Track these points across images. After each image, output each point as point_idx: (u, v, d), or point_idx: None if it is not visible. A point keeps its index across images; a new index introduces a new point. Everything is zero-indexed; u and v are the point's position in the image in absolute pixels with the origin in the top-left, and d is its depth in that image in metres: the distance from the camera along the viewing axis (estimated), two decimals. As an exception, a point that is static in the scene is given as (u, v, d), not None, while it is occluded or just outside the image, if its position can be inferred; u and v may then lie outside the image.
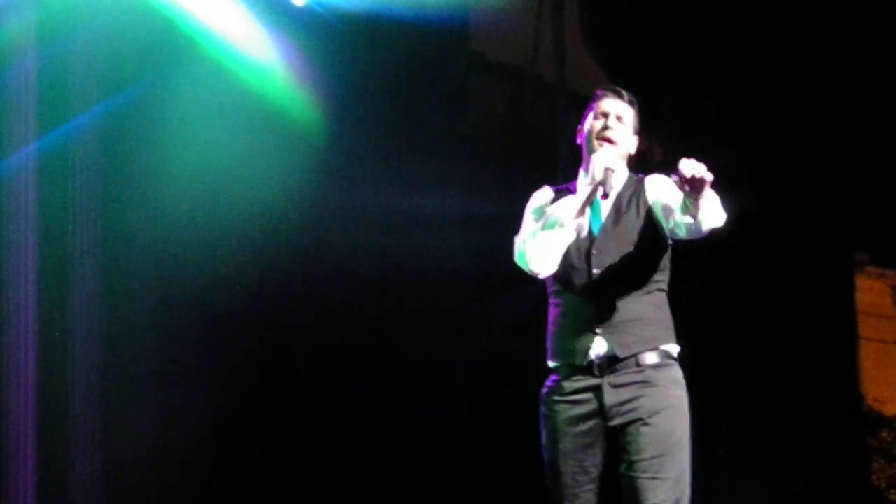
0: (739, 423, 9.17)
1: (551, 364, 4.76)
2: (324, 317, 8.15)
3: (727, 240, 5.16)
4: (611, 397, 4.62)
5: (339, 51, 8.19)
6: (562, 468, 4.68)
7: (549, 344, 4.77)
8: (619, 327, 4.64)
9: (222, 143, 7.68)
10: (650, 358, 4.65)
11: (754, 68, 8.88)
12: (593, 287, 4.66)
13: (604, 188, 4.59)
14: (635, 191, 4.75)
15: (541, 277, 4.73)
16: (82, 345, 7.22)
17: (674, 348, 4.73)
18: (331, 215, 8.23)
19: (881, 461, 10.10)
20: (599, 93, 4.86)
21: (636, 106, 4.86)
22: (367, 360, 8.21)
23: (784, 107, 8.91)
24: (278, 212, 7.95)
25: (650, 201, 4.71)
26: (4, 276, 6.98)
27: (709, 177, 4.30)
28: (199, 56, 7.68)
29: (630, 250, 4.67)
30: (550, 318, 4.78)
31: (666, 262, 4.76)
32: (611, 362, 4.63)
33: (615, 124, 4.77)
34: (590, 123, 4.81)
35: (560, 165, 8.20)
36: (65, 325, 7.19)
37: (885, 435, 10.16)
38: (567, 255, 4.68)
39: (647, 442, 4.58)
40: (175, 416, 7.50)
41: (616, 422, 4.62)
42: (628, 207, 4.72)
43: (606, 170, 4.59)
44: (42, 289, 7.05)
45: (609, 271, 4.66)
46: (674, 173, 4.34)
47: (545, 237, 4.63)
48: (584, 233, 4.70)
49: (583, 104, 4.96)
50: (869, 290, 10.14)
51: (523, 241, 4.69)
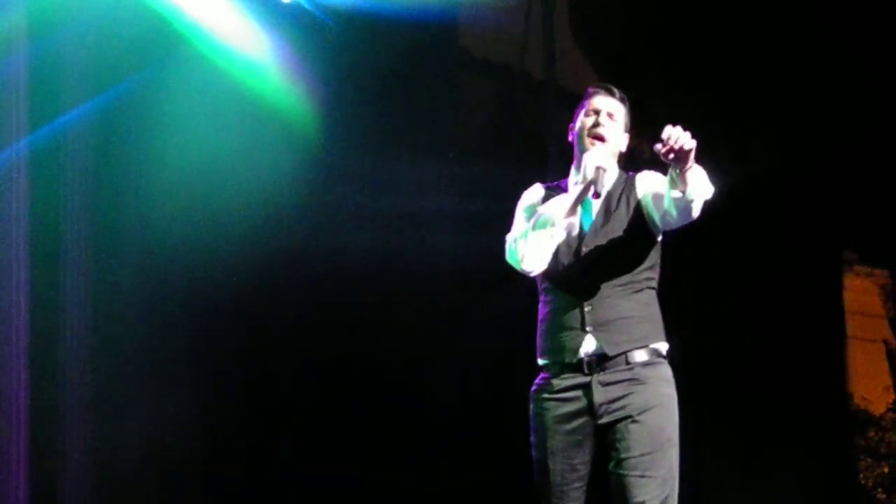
0: (728, 421, 9.19)
1: (541, 362, 4.76)
2: (314, 315, 8.14)
3: (717, 238, 5.18)
4: (600, 395, 4.62)
5: (329, 47, 8.19)
6: (551, 466, 4.68)
7: (538, 342, 4.77)
8: (608, 325, 4.64)
9: (213, 140, 7.68)
10: (640, 356, 4.65)
11: (745, 66, 8.89)
12: (583, 285, 4.67)
13: (595, 187, 4.59)
14: (625, 188, 4.75)
15: (532, 275, 4.74)
16: (73, 343, 7.20)
17: (663, 346, 4.73)
18: (320, 212, 8.22)
19: (869, 460, 10.12)
20: (591, 90, 4.86)
21: (627, 103, 4.86)
22: (357, 357, 8.21)
23: (774, 106, 8.93)
24: (269, 209, 7.94)
25: (640, 196, 4.71)
26: (-5, 272, 6.97)
27: (691, 143, 4.31)
28: (189, 52, 7.68)
29: (620, 249, 4.67)
30: (540, 316, 4.78)
31: (656, 260, 4.76)
32: (600, 360, 4.63)
33: (606, 122, 4.77)
34: (581, 121, 4.81)
35: (549, 162, 8.21)
36: (56, 322, 7.18)
37: (872, 434, 10.19)
38: (557, 254, 4.69)
39: (636, 439, 4.58)
40: (166, 415, 7.49)
41: (605, 419, 4.62)
42: (618, 205, 4.73)
43: (598, 169, 4.60)
44: (33, 284, 7.03)
45: (599, 270, 4.66)
46: (658, 142, 4.34)
47: (536, 236, 4.64)
48: (575, 231, 4.70)
49: (572, 101, 4.97)
50: (857, 289, 10.18)
51: (515, 240, 4.69)
